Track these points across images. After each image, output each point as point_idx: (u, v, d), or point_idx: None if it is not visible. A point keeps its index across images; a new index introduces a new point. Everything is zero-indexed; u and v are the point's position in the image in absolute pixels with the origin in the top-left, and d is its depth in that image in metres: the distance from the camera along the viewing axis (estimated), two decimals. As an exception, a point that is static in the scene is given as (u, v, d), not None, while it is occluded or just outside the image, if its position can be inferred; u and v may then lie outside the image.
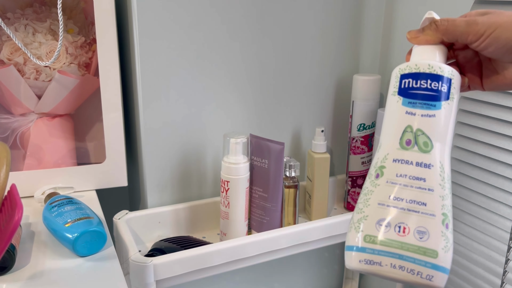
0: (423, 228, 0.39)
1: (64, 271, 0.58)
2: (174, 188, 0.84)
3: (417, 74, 0.43)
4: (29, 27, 0.74)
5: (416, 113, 0.42)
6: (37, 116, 0.79)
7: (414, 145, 0.41)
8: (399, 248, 0.39)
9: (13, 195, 0.53)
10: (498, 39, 0.41)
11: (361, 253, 0.40)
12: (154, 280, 0.65)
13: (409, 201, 0.39)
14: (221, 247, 0.69)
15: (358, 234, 0.40)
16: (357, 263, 0.40)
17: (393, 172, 0.41)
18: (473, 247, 0.81)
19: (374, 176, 0.42)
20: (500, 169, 0.75)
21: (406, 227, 0.39)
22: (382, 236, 0.39)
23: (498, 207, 0.76)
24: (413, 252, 0.38)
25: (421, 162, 0.40)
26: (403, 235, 0.39)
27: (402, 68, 0.44)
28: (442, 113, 0.41)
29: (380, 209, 0.40)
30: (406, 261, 0.38)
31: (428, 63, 0.43)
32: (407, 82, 0.43)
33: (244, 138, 0.74)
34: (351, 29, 0.92)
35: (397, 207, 0.40)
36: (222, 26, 0.79)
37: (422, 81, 0.42)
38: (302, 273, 1.07)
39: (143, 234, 0.79)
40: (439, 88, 0.42)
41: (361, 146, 0.89)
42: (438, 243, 0.38)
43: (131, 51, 0.78)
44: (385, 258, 0.39)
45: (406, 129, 0.41)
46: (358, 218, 0.41)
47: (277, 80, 0.87)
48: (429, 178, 0.40)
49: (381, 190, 0.41)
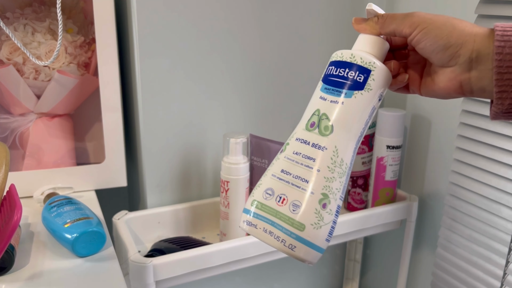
0: (298, 202, 0.42)
1: (64, 271, 0.57)
2: (174, 188, 0.83)
3: (339, 62, 0.45)
4: (28, 26, 0.74)
5: (327, 99, 0.44)
6: (36, 116, 0.79)
7: (316, 128, 0.43)
8: (273, 215, 0.42)
9: (12, 195, 0.53)
10: (428, 34, 0.42)
11: (246, 215, 0.43)
12: (154, 281, 0.64)
13: (295, 176, 0.42)
14: (221, 248, 0.69)
15: (250, 199, 0.44)
16: (241, 223, 0.44)
17: (292, 149, 0.44)
18: (472, 249, 0.80)
19: (280, 151, 0.45)
20: (503, 170, 0.74)
21: (286, 198, 0.42)
22: (263, 202, 0.43)
23: (499, 209, 0.76)
24: (283, 221, 0.41)
25: (316, 144, 0.43)
26: (280, 205, 0.42)
27: (333, 55, 0.46)
28: (352, 102, 0.43)
29: (271, 180, 0.43)
30: (276, 228, 0.42)
31: (351, 53, 0.45)
32: (330, 69, 0.45)
33: (244, 138, 0.74)
34: (351, 28, 0.92)
35: (284, 180, 0.43)
36: (222, 26, 0.79)
37: (341, 69, 0.44)
38: (302, 273, 1.07)
39: (142, 235, 0.79)
40: (354, 78, 0.44)
41: (362, 146, 0.89)
42: (308, 218, 0.41)
43: (131, 51, 0.77)
44: (260, 222, 0.42)
45: (315, 112, 0.44)
46: (256, 186, 0.44)
47: (277, 80, 0.87)
48: (319, 159, 0.42)
49: (278, 164, 0.44)
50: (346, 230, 0.80)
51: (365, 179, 0.91)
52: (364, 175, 0.91)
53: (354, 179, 0.91)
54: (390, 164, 0.86)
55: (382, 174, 0.87)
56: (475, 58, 0.41)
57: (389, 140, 0.85)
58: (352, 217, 0.80)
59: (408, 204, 0.88)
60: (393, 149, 0.86)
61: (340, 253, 1.10)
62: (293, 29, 0.85)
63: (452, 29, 0.41)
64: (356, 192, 0.92)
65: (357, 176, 0.91)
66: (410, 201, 0.88)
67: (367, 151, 0.89)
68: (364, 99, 0.44)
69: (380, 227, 0.87)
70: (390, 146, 0.85)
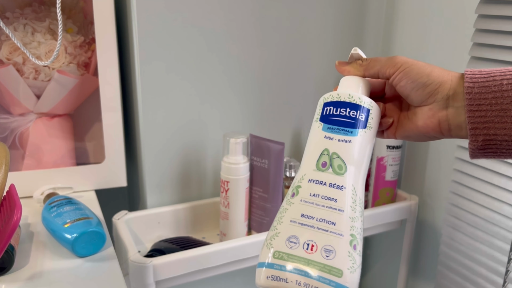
0: (330, 247, 0.39)
1: (63, 271, 0.57)
2: (174, 188, 0.83)
3: (338, 102, 0.45)
4: (28, 26, 0.74)
5: (333, 138, 0.44)
6: (36, 116, 0.78)
7: (329, 167, 0.43)
8: (305, 265, 0.39)
9: (12, 195, 0.53)
10: (409, 73, 0.45)
11: (270, 269, 0.39)
12: (154, 281, 0.64)
13: (319, 220, 0.40)
14: (221, 248, 0.69)
15: (269, 250, 0.40)
16: (265, 279, 0.39)
17: (307, 191, 0.42)
18: (475, 246, 0.81)
19: (290, 195, 0.43)
20: (504, 168, 0.75)
21: (314, 245, 0.39)
22: (290, 252, 0.39)
23: (501, 207, 0.76)
24: (319, 270, 0.38)
25: (334, 183, 0.42)
26: (310, 253, 0.39)
27: (326, 97, 0.47)
28: (358, 140, 0.44)
29: (291, 226, 0.40)
30: (311, 279, 0.38)
31: (349, 93, 0.45)
32: (329, 109, 0.45)
33: (244, 138, 0.74)
34: (351, 28, 0.92)
35: (307, 225, 0.40)
36: (222, 26, 0.79)
37: (342, 109, 0.45)
38: (302, 273, 1.07)
39: (142, 235, 0.79)
40: (357, 117, 0.44)
41: (361, 146, 0.89)
42: (344, 262, 0.39)
43: (131, 51, 0.77)
44: (291, 275, 0.38)
45: (323, 152, 0.43)
46: (271, 235, 0.41)
47: (277, 80, 0.87)
48: (340, 199, 0.41)
49: (294, 208, 0.41)
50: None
51: (365, 179, 0.91)
52: (364, 175, 0.91)
53: (354, 179, 0.91)
54: (390, 164, 0.86)
55: (382, 174, 0.87)
56: (451, 95, 0.44)
57: (389, 141, 0.85)
58: (352, 217, 0.80)
59: (408, 204, 0.88)
60: (393, 149, 0.86)
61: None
62: (292, 29, 0.85)
63: (431, 70, 0.45)
64: (356, 192, 0.92)
65: (357, 176, 0.91)
66: (410, 201, 0.88)
67: (367, 151, 0.89)
68: (367, 137, 0.45)
69: (380, 227, 0.87)
70: (390, 146, 0.85)
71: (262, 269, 0.40)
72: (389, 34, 0.94)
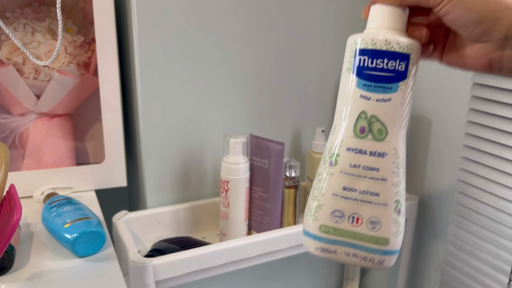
0: (375, 218, 0.39)
1: (63, 271, 0.57)
2: (174, 188, 0.83)
3: (374, 51, 0.39)
4: (28, 26, 0.74)
5: (371, 98, 0.39)
6: (36, 116, 0.78)
7: (369, 133, 0.39)
8: (352, 238, 0.39)
9: (12, 195, 0.53)
10: (457, 6, 0.38)
11: (317, 242, 0.40)
12: (154, 281, 0.64)
13: (362, 192, 0.39)
14: (221, 248, 0.69)
15: (314, 223, 0.41)
16: (314, 250, 0.41)
17: (347, 162, 0.40)
18: (481, 245, 0.81)
19: (328, 162, 0.41)
20: (510, 167, 0.75)
21: (359, 218, 0.39)
22: (335, 226, 0.40)
23: (507, 206, 0.77)
24: (366, 242, 0.39)
25: (375, 151, 0.39)
26: (356, 225, 0.39)
27: (357, 41, 0.41)
28: (398, 96, 0.39)
29: (334, 200, 0.40)
30: (359, 250, 0.39)
31: (385, 39, 0.39)
32: (363, 60, 0.40)
33: (244, 138, 0.74)
34: (351, 28, 0.92)
35: (351, 198, 0.40)
36: (223, 26, 0.79)
37: (379, 60, 0.39)
38: (302, 273, 1.07)
39: (142, 235, 0.79)
40: (396, 68, 0.39)
41: (361, 146, 0.89)
42: (390, 230, 0.39)
43: (131, 51, 0.77)
44: (339, 247, 0.40)
45: (360, 115, 0.40)
46: (315, 206, 0.41)
47: (277, 80, 0.87)
48: (383, 167, 0.39)
49: (335, 180, 0.40)
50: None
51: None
52: (364, 175, 0.91)
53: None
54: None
55: (382, 174, 0.87)
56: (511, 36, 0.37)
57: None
58: (352, 217, 0.80)
59: (408, 204, 0.88)
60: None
61: (340, 253, 1.10)
62: (292, 29, 0.85)
63: (486, 2, 0.37)
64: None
65: (357, 176, 0.91)
66: (410, 201, 0.88)
67: (367, 150, 0.89)
68: (408, 88, 0.40)
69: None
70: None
71: (309, 239, 0.41)
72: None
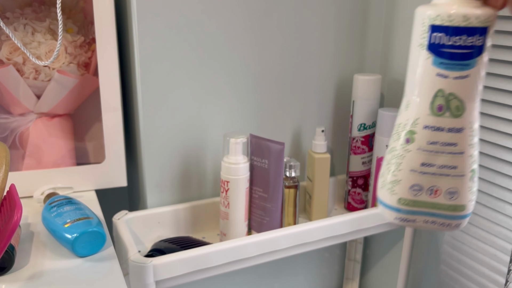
0: (453, 189, 0.40)
1: (64, 271, 0.57)
2: (174, 188, 0.83)
3: (451, 28, 0.37)
4: (28, 26, 0.74)
5: (448, 76, 0.38)
6: (36, 116, 0.79)
7: (446, 111, 0.39)
8: (431, 208, 0.41)
9: (12, 195, 0.53)
10: None
11: (396, 213, 0.42)
12: (154, 281, 0.64)
13: (440, 166, 0.40)
14: (221, 248, 0.69)
15: (393, 196, 0.42)
16: (393, 219, 0.43)
17: (424, 139, 0.40)
18: (478, 246, 0.81)
19: (403, 139, 0.41)
20: (506, 168, 0.75)
21: (438, 189, 0.41)
22: (414, 199, 0.41)
23: (503, 206, 0.77)
24: (444, 210, 0.41)
25: (452, 127, 0.40)
26: (434, 196, 0.41)
27: (432, 16, 0.38)
28: (476, 71, 0.38)
29: (412, 175, 0.41)
30: (437, 217, 0.41)
31: (463, 14, 0.37)
32: (439, 37, 0.38)
33: (244, 138, 0.74)
34: (352, 28, 0.92)
35: (429, 172, 0.41)
36: (223, 26, 0.79)
37: (456, 38, 0.37)
38: (302, 273, 1.07)
39: (142, 235, 0.79)
40: (475, 43, 0.38)
41: (362, 146, 0.89)
42: (466, 197, 0.41)
43: (131, 51, 0.77)
44: (418, 217, 0.41)
45: (438, 93, 0.39)
46: (392, 180, 0.42)
47: (277, 80, 0.87)
48: (460, 141, 0.40)
49: (412, 157, 0.41)
50: (346, 230, 0.80)
51: (365, 179, 0.91)
52: (364, 175, 0.91)
53: (354, 179, 0.91)
54: (390, 164, 0.86)
55: (382, 173, 0.87)
56: None
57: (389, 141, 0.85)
58: (352, 217, 0.80)
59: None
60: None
61: (340, 253, 1.10)
62: (292, 29, 0.85)
63: None
64: (356, 192, 0.92)
65: (357, 176, 0.91)
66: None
67: (367, 151, 0.89)
68: (484, 61, 0.39)
69: (380, 227, 0.87)
70: (390, 146, 0.85)
71: (387, 210, 0.42)
72: (389, 33, 0.94)
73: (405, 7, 0.90)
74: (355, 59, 0.94)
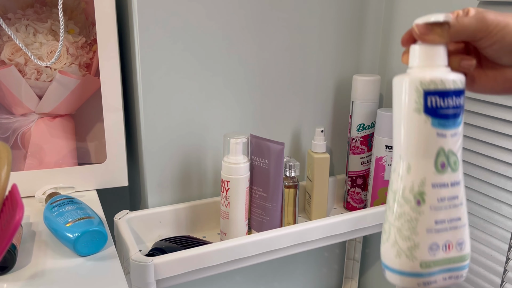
0: (461, 240, 0.43)
1: (65, 270, 0.58)
2: (175, 187, 0.84)
3: (445, 92, 0.41)
4: (30, 27, 0.74)
5: (446, 135, 0.42)
6: (38, 117, 0.79)
7: (448, 167, 0.42)
8: (447, 263, 0.43)
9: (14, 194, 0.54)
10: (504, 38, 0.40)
11: (419, 278, 0.43)
12: (155, 280, 0.65)
13: (449, 221, 0.42)
14: (221, 247, 0.69)
15: (414, 262, 0.43)
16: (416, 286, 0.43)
17: (434, 197, 0.42)
18: (473, 246, 0.81)
19: (414, 202, 0.43)
20: (502, 168, 0.75)
21: (450, 244, 0.43)
22: (433, 259, 0.42)
23: (499, 207, 0.77)
24: (456, 262, 0.43)
25: (454, 181, 0.42)
26: (448, 252, 0.42)
27: (424, 82, 0.41)
28: (462, 126, 0.42)
29: (429, 235, 0.42)
30: (451, 272, 0.43)
31: (452, 79, 0.41)
32: (435, 101, 0.41)
33: (244, 138, 0.75)
34: (351, 29, 0.92)
35: (442, 229, 0.43)
36: (223, 26, 0.79)
37: (449, 99, 0.41)
38: (302, 272, 1.07)
39: (143, 234, 0.80)
40: (462, 103, 0.42)
41: (361, 146, 0.89)
42: (468, 245, 0.43)
43: (132, 52, 0.78)
44: (438, 276, 0.43)
45: (439, 153, 0.42)
46: (409, 246, 0.43)
47: (277, 80, 0.87)
48: (460, 193, 0.43)
49: (426, 217, 0.42)
50: (346, 229, 0.80)
51: (364, 178, 0.91)
52: (363, 175, 0.91)
53: (354, 179, 0.92)
54: (389, 164, 0.87)
55: (381, 173, 0.87)
56: None
57: (388, 141, 0.86)
58: (351, 217, 0.80)
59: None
60: (392, 149, 0.86)
61: (339, 252, 1.11)
62: (292, 29, 0.86)
63: None
64: (355, 191, 0.92)
65: (356, 176, 0.91)
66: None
67: (366, 151, 0.90)
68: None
69: (379, 226, 0.88)
70: (389, 146, 0.86)
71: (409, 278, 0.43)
72: (388, 34, 0.95)
73: (403, 8, 0.91)
74: (354, 60, 0.95)
